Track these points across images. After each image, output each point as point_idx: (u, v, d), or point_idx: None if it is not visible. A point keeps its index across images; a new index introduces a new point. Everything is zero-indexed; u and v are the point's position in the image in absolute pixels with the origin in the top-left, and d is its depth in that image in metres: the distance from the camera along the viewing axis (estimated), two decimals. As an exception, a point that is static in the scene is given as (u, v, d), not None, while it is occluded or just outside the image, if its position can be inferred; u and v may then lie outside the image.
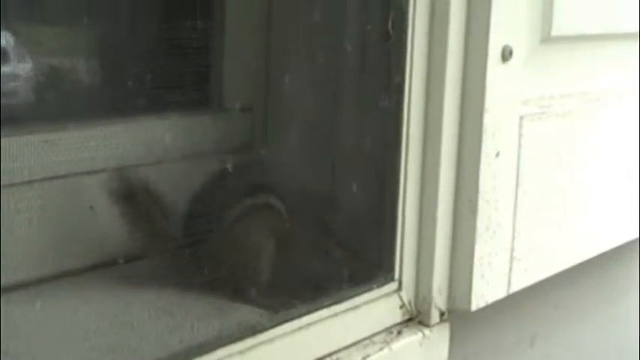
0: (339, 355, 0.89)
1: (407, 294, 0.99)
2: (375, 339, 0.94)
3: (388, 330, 0.97)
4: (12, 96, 0.88)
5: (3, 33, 0.85)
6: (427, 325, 0.99)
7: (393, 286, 0.98)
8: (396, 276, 0.98)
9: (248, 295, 0.89)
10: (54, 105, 0.89)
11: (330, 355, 0.89)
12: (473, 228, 0.99)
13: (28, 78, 0.89)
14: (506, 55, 0.97)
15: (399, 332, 0.97)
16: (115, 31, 0.92)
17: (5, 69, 0.86)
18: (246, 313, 0.86)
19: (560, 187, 1.12)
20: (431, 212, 0.98)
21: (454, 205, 1.00)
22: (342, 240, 0.99)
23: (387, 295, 0.97)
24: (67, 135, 0.87)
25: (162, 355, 0.76)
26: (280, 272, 0.92)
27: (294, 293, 0.90)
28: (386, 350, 0.93)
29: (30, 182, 0.83)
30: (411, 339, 0.97)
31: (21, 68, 0.89)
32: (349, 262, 0.97)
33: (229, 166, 0.92)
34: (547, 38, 1.06)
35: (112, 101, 0.91)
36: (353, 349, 0.91)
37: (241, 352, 0.80)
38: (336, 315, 0.91)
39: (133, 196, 0.88)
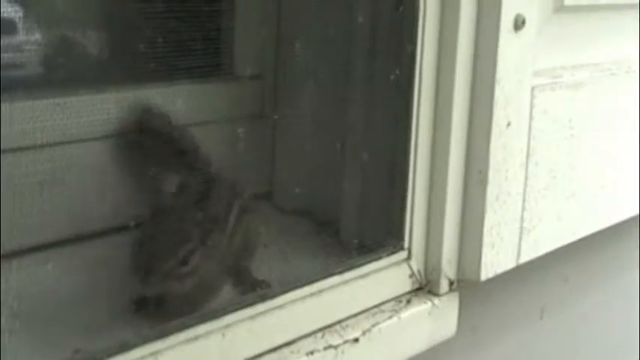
0: (349, 322, 0.90)
1: (416, 263, 0.99)
2: (384, 307, 0.95)
3: (397, 299, 0.97)
4: (27, 63, 0.88)
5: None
6: (436, 295, 0.99)
7: (403, 254, 0.98)
8: (406, 245, 0.98)
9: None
10: (68, 71, 0.89)
11: (339, 322, 0.89)
12: (483, 198, 0.98)
13: (40, 45, 0.89)
14: (519, 24, 0.97)
15: (408, 301, 0.97)
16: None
17: (19, 37, 0.87)
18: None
19: (571, 158, 1.12)
20: (441, 182, 0.98)
21: (464, 175, 0.99)
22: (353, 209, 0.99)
23: (397, 263, 0.97)
24: (79, 99, 0.87)
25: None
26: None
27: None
28: (395, 318, 0.93)
29: (42, 146, 0.84)
30: (420, 308, 0.97)
31: (33, 36, 0.89)
32: (359, 230, 0.97)
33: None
34: (560, 7, 1.05)
35: (123, 67, 0.91)
36: (362, 316, 0.92)
37: (252, 318, 0.80)
38: (345, 283, 0.91)
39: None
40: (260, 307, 0.82)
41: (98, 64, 0.93)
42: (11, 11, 0.83)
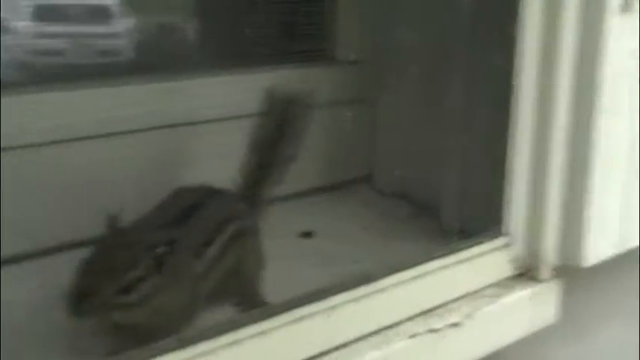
0: (451, 306, 0.90)
1: (517, 249, 0.98)
2: (486, 292, 0.94)
3: (498, 284, 0.96)
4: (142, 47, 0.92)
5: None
6: (537, 281, 0.98)
7: (504, 240, 0.97)
8: (507, 230, 0.97)
9: None
10: (182, 56, 0.92)
11: (441, 305, 0.89)
12: (585, 183, 0.97)
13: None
14: (627, 6, 0.95)
15: (509, 287, 0.96)
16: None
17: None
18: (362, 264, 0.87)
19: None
20: (543, 167, 0.97)
21: (567, 162, 0.98)
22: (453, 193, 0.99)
23: (498, 249, 0.97)
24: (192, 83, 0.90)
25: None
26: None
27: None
28: (496, 304, 0.93)
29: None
30: (521, 294, 0.96)
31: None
32: (461, 214, 0.97)
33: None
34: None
35: (229, 53, 0.94)
36: (463, 300, 0.92)
37: (355, 300, 0.81)
38: (446, 267, 0.91)
39: None
40: (363, 290, 0.83)
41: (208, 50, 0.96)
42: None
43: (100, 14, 0.98)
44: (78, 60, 1.01)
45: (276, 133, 0.88)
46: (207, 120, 0.93)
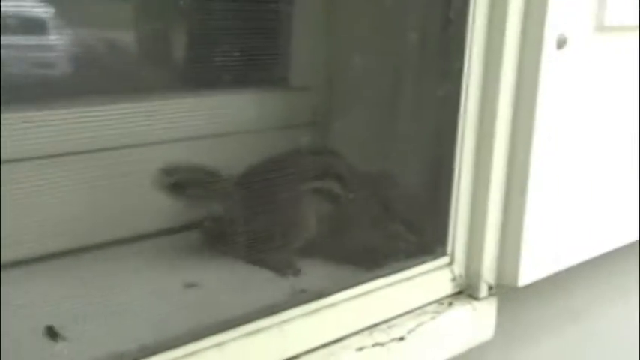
0: (394, 321, 0.95)
1: (458, 268, 1.04)
2: (428, 309, 1.00)
3: (440, 301, 1.02)
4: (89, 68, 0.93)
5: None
6: (476, 298, 1.04)
7: (446, 259, 1.03)
8: (449, 250, 1.03)
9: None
10: (137, 78, 0.95)
11: (385, 321, 0.94)
12: (523, 207, 1.03)
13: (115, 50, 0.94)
14: (561, 43, 1.01)
15: (450, 303, 1.02)
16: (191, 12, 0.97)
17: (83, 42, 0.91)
18: (311, 279, 0.92)
19: (611, 170, 1.16)
20: (484, 191, 1.02)
21: (506, 184, 1.04)
22: (399, 216, 1.04)
23: (440, 268, 1.02)
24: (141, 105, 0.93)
25: (230, 315, 0.82)
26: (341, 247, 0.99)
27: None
28: (437, 320, 0.98)
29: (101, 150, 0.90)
30: (461, 310, 1.02)
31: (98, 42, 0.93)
32: (406, 237, 1.02)
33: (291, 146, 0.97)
34: (601, 27, 1.09)
35: (180, 76, 0.97)
36: (407, 317, 0.97)
37: (307, 314, 0.86)
38: (392, 285, 0.96)
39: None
40: (314, 305, 0.87)
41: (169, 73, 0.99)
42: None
43: (36, 27, 0.94)
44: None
45: None
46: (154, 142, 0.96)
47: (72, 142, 0.89)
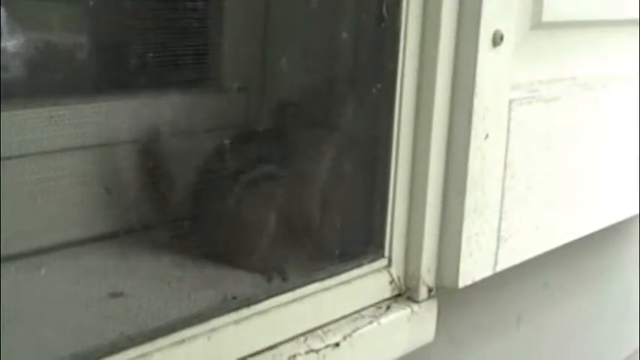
0: (330, 327, 0.93)
1: (396, 270, 1.02)
2: (365, 313, 0.98)
3: (377, 305, 1.00)
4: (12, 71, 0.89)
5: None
6: (415, 301, 1.02)
7: (383, 262, 1.01)
8: (386, 253, 1.01)
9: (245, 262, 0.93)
10: (56, 81, 0.91)
11: (321, 327, 0.92)
12: (461, 208, 1.02)
13: (26, 54, 0.90)
14: (497, 40, 1.00)
15: (388, 307, 1.00)
16: (115, 9, 0.94)
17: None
18: (243, 284, 0.89)
19: (548, 170, 1.16)
20: (421, 192, 1.01)
21: (443, 186, 1.03)
22: (335, 217, 1.02)
23: (377, 270, 1.00)
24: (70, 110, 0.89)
25: (158, 324, 0.79)
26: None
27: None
28: (375, 324, 0.96)
29: (35, 154, 0.86)
30: (400, 314, 1.00)
31: (18, 44, 0.90)
32: (341, 237, 1.00)
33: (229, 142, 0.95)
34: (538, 24, 1.09)
35: (112, 78, 0.94)
36: (343, 322, 0.95)
37: (236, 322, 0.83)
38: (327, 289, 0.94)
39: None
40: (244, 312, 0.84)
41: (90, 75, 0.96)
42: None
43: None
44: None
45: None
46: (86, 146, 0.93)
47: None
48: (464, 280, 1.04)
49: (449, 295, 1.06)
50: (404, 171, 1.00)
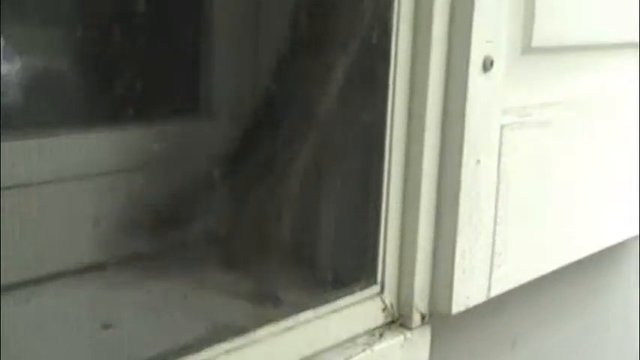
0: (323, 355, 0.92)
1: (389, 297, 1.02)
2: (358, 341, 0.97)
3: (370, 332, 0.99)
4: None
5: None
6: (408, 328, 1.02)
7: (376, 289, 1.00)
8: (379, 279, 1.00)
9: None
10: (44, 112, 0.91)
11: (313, 355, 0.91)
12: (453, 234, 1.01)
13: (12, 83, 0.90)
14: (487, 65, 1.00)
15: (381, 334, 0.99)
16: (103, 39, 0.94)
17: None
18: (234, 313, 0.89)
19: (543, 194, 1.15)
20: (413, 219, 1.01)
21: (436, 212, 1.02)
22: (327, 243, 1.02)
23: (370, 298, 1.00)
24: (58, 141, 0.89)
25: (150, 355, 0.78)
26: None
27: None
28: (368, 352, 0.96)
29: (25, 185, 0.86)
30: (393, 341, 0.99)
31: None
32: (333, 264, 1.00)
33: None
34: (528, 49, 1.09)
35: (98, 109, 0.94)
36: (335, 350, 0.94)
37: (228, 352, 0.83)
38: (319, 317, 0.93)
39: None
40: (237, 342, 0.84)
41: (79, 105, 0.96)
42: None
43: None
44: None
45: None
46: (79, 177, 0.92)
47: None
48: (457, 306, 1.04)
49: (442, 321, 1.05)
50: (396, 197, 1.00)
